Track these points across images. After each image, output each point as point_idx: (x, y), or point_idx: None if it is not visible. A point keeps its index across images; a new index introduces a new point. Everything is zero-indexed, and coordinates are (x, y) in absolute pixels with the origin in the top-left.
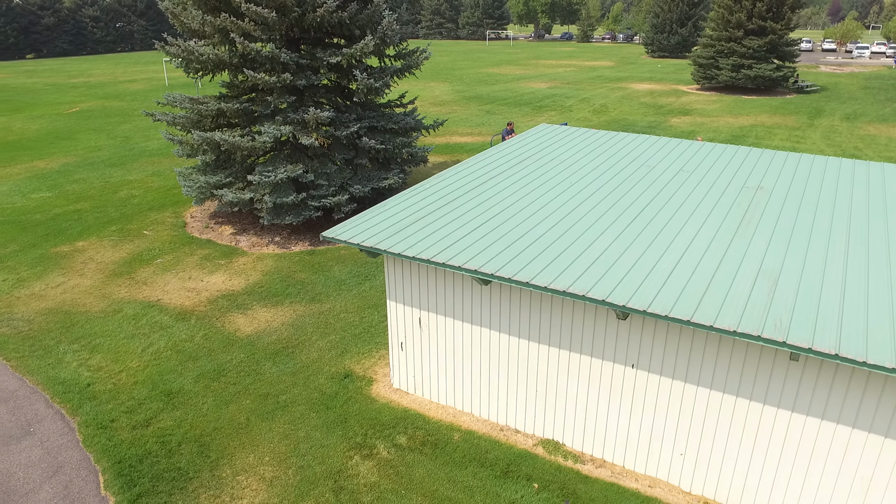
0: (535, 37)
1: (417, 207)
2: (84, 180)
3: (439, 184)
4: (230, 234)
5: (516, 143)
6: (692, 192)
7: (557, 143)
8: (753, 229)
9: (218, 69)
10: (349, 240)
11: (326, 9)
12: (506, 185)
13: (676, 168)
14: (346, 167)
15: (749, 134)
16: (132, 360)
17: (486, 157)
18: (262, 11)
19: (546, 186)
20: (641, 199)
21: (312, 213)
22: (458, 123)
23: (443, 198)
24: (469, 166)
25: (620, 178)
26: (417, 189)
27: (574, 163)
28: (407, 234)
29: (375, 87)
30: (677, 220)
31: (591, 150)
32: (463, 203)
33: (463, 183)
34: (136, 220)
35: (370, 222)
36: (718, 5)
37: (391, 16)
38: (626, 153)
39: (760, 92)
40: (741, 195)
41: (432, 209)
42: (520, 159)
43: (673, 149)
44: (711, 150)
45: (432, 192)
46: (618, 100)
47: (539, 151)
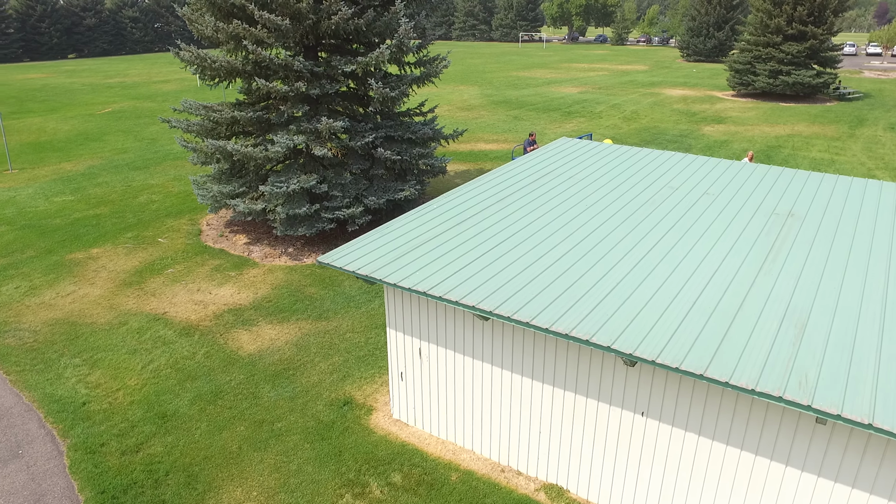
0: (569, 39)
1: (420, 232)
2: (107, 184)
3: (446, 204)
4: (244, 243)
5: (533, 160)
6: (716, 219)
7: (577, 159)
8: (781, 264)
9: (231, 76)
10: (345, 266)
11: (342, 16)
12: (516, 207)
13: (701, 190)
14: (362, 178)
15: (785, 144)
16: (131, 377)
17: (499, 174)
18: (275, 19)
19: (559, 210)
20: (660, 227)
21: (326, 226)
22: (485, 129)
23: (448, 221)
24: (480, 185)
25: (640, 200)
26: (423, 210)
27: (591, 182)
28: (406, 261)
29: (392, 96)
30: (698, 251)
31: (611, 169)
32: (468, 228)
33: (471, 204)
34: (152, 226)
35: (369, 247)
36: (757, 9)
37: (408, 23)
38: (648, 172)
39: (799, 99)
40: (770, 223)
41: (435, 234)
42: (534, 178)
43: (699, 168)
44: (741, 169)
45: (438, 214)
46: (649, 106)
47: (556, 169)
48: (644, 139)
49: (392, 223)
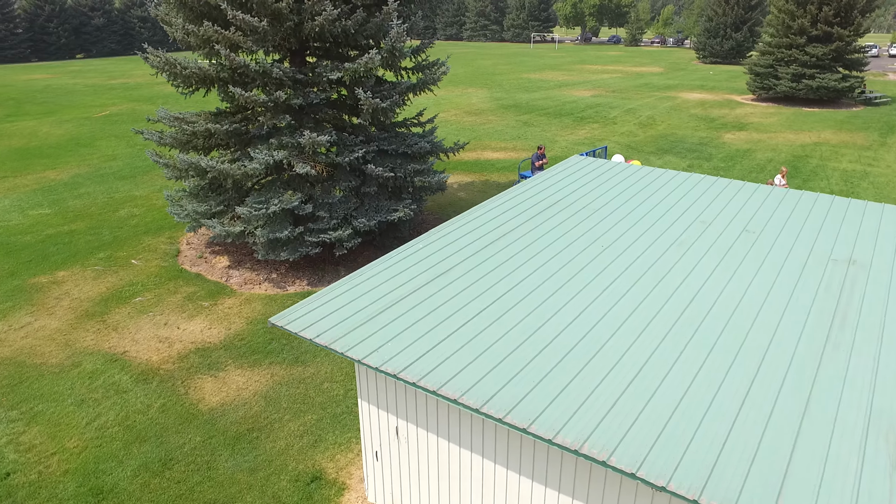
0: (582, 40)
1: (395, 285)
2: (88, 195)
3: (432, 245)
4: (224, 266)
5: (539, 185)
6: (761, 268)
7: (589, 185)
8: (852, 336)
9: (205, 84)
10: (300, 332)
11: (326, 17)
12: (513, 251)
13: (738, 226)
14: (352, 196)
15: (812, 154)
16: (72, 437)
17: (497, 204)
18: (251, 20)
19: (566, 254)
20: (692, 282)
21: (310, 250)
22: (493, 136)
23: (430, 270)
24: (474, 219)
25: (664, 242)
26: (402, 254)
27: (607, 216)
28: (374, 326)
29: (383, 107)
30: (740, 320)
31: (629, 198)
32: (454, 280)
33: (461, 246)
34: (128, 245)
35: (332, 305)
36: (779, 10)
37: (401, 25)
38: (673, 202)
39: (823, 104)
40: (829, 273)
41: (412, 288)
42: (539, 209)
43: (732, 196)
44: (782, 199)
45: (419, 261)
46: (666, 111)
47: (565, 198)
48: (661, 147)
49: (364, 271)
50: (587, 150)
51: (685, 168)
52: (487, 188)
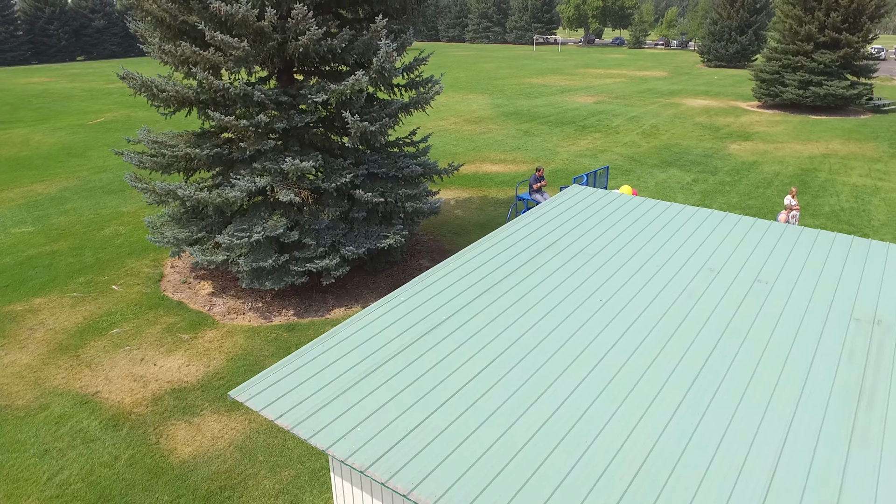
0: (585, 42)
1: (369, 350)
2: (74, 211)
3: (413, 299)
4: (207, 293)
5: (533, 222)
6: (774, 332)
7: (587, 222)
8: (881, 424)
9: (183, 107)
10: (262, 410)
11: (310, 37)
12: (501, 307)
13: (750, 274)
14: (340, 221)
15: (821, 167)
16: (30, 495)
17: (487, 247)
18: (230, 40)
19: (557, 315)
20: (696, 353)
21: (296, 280)
22: (492, 147)
23: (409, 330)
24: (460, 266)
25: (669, 295)
26: (380, 309)
27: (606, 262)
28: (345, 404)
29: (371, 130)
30: (752, 404)
31: (630, 239)
32: (434, 345)
33: (443, 301)
34: (110, 268)
35: (297, 376)
36: (786, 15)
37: (389, 45)
38: (677, 244)
39: (830, 111)
40: (852, 337)
41: (389, 354)
42: (533, 252)
43: (743, 235)
44: (797, 239)
45: (397, 318)
46: (670, 119)
47: (561, 238)
48: (665, 159)
49: (337, 332)
50: (589, 160)
51: (690, 182)
52: (485, 205)
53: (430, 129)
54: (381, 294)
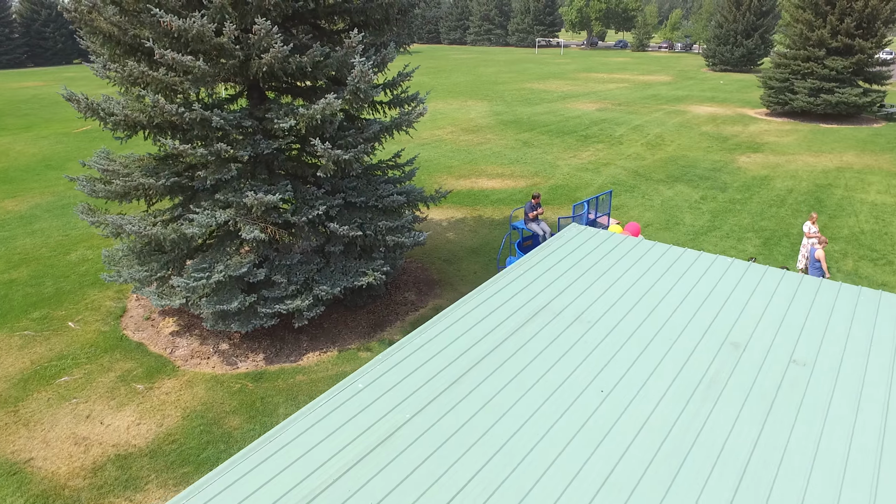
0: (588, 44)
1: (323, 457)
2: (42, 232)
3: (375, 385)
4: (171, 332)
5: (525, 275)
6: (820, 444)
7: (587, 274)
8: None
9: (135, 131)
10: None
11: (275, 54)
12: (479, 401)
13: (784, 355)
14: (316, 254)
15: (836, 182)
16: None
17: (470, 309)
18: (183, 59)
19: (547, 415)
20: (728, 467)
21: (265, 322)
22: (490, 159)
23: (368, 432)
24: (436, 336)
25: (686, 384)
26: (336, 399)
27: (609, 333)
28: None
29: (345, 159)
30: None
31: (637, 300)
32: (391, 461)
33: (402, 396)
34: (69, 301)
35: (236, 491)
36: (796, 20)
37: (364, 63)
38: (693, 307)
39: (841, 119)
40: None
41: (345, 466)
42: (522, 319)
43: (770, 294)
44: (835, 299)
45: (356, 412)
46: (675, 128)
47: (556, 298)
48: (671, 174)
49: (285, 428)
50: (591, 175)
51: (698, 200)
52: (479, 227)
53: (425, 138)
54: (360, 334)
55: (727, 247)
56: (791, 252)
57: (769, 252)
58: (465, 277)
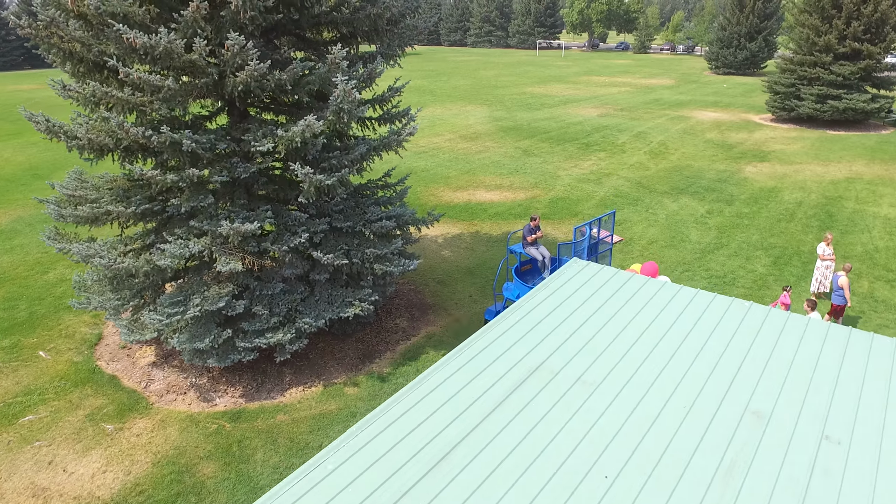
0: (589, 46)
1: None
2: (22, 248)
3: (348, 465)
4: (147, 363)
5: (519, 324)
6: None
7: (589, 323)
8: None
9: (102, 154)
10: None
11: (251, 73)
12: (469, 482)
13: (812, 424)
14: (300, 282)
15: (847, 194)
16: None
17: (456, 368)
18: (150, 79)
19: (548, 498)
20: None
21: (244, 357)
22: (488, 169)
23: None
24: (410, 408)
25: (703, 469)
26: (297, 489)
27: (614, 399)
28: None
29: (328, 184)
30: None
31: (645, 357)
32: None
33: (379, 478)
34: (42, 327)
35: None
36: (802, 25)
37: (347, 81)
38: (707, 364)
39: (849, 126)
40: None
41: None
42: (515, 382)
43: (795, 349)
44: (867, 355)
45: (328, 497)
46: (679, 135)
47: (555, 354)
48: (676, 185)
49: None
50: (592, 187)
51: (704, 214)
52: (476, 244)
53: (422, 146)
54: (348, 366)
55: (735, 266)
56: (803, 272)
57: (780, 272)
58: (460, 301)
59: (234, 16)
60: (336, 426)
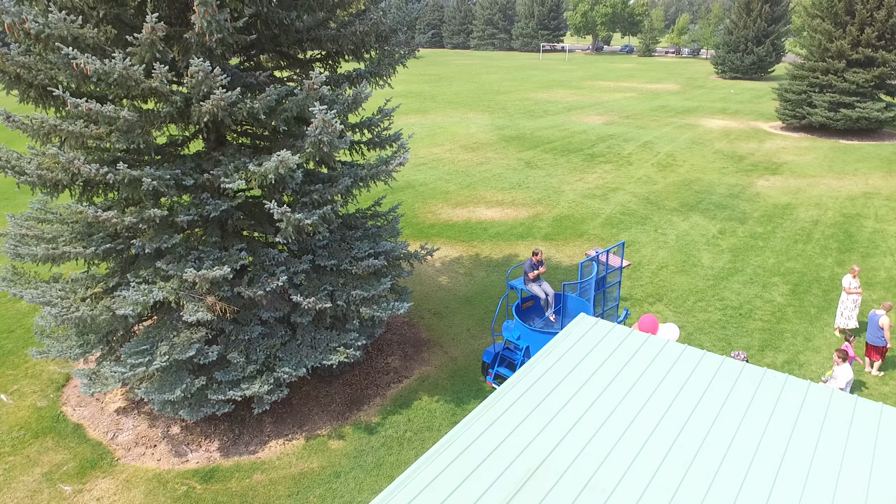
0: (593, 49)
1: None
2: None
3: None
4: (116, 409)
5: (521, 405)
6: None
7: (600, 402)
8: None
9: (57, 191)
10: None
11: (217, 102)
12: None
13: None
14: (280, 325)
15: (865, 212)
16: None
17: (441, 468)
18: (104, 110)
19: None
20: None
21: (217, 410)
22: (489, 183)
23: None
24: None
25: None
26: None
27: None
28: None
29: (308, 224)
30: None
31: (669, 440)
32: None
33: None
34: (8, 364)
35: None
36: (813, 30)
37: (326, 112)
38: (744, 453)
39: (862, 135)
40: None
41: None
42: (512, 486)
43: (817, 433)
44: (883, 426)
45: None
46: (687, 145)
47: (560, 444)
48: (686, 202)
49: None
50: (598, 203)
51: (716, 234)
52: (476, 268)
53: (422, 157)
54: (333, 414)
55: (751, 295)
56: (824, 302)
57: (799, 303)
58: (457, 336)
59: (199, 38)
60: (317, 489)
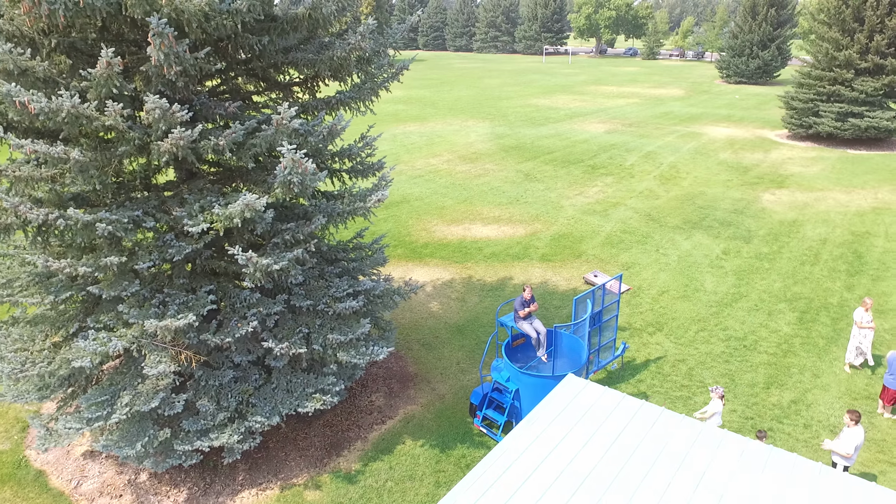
0: (597, 52)
1: None
2: None
3: None
4: (83, 453)
5: (498, 491)
6: None
7: (585, 490)
8: None
9: (8, 234)
10: None
11: (176, 141)
12: None
13: None
14: (254, 367)
15: (875, 230)
16: None
17: None
18: (48, 150)
19: None
20: None
21: (184, 461)
22: (486, 197)
23: None
24: None
25: None
26: None
27: None
28: None
29: (276, 269)
30: None
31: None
32: None
33: None
34: None
35: None
36: (821, 38)
37: (295, 152)
38: None
39: (869, 144)
40: None
41: None
42: None
43: None
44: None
45: None
46: (691, 156)
47: None
48: (689, 218)
49: None
50: (598, 220)
51: (720, 255)
52: (468, 294)
53: (418, 168)
54: (311, 460)
55: (756, 324)
56: (832, 332)
57: (807, 333)
58: (446, 371)
59: (157, 70)
60: None
